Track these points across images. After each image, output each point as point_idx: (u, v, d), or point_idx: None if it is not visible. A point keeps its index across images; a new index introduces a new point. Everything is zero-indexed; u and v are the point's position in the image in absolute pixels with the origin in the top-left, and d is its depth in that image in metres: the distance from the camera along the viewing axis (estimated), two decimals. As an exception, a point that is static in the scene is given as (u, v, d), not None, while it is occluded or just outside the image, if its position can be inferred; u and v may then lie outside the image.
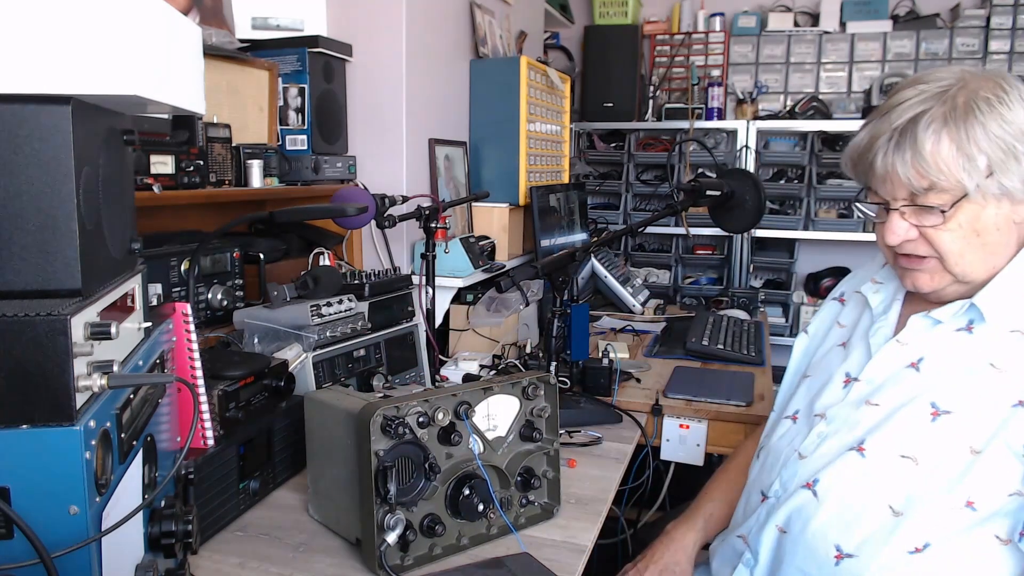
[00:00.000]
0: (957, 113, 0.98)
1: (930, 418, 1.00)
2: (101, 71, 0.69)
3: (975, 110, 0.98)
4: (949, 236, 1.02)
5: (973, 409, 0.98)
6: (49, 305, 0.66)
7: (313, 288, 1.54)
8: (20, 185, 0.68)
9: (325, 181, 1.93)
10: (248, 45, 1.89)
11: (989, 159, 0.98)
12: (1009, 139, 0.97)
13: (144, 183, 1.37)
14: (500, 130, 2.56)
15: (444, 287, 2.14)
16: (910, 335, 1.08)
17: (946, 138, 0.98)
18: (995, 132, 0.97)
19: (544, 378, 1.23)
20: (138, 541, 0.81)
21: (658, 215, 1.91)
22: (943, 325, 1.06)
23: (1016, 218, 1.01)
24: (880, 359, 1.09)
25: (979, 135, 0.98)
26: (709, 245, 3.83)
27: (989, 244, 1.02)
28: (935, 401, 1.00)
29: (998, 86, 1.00)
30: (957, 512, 0.95)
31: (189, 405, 1.05)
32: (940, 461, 0.97)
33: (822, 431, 1.11)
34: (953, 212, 1.01)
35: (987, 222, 1.01)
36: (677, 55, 3.92)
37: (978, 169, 0.98)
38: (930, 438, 0.99)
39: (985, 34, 3.56)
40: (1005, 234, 1.02)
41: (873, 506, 1.00)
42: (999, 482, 0.94)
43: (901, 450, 1.00)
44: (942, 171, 0.99)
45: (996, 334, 1.00)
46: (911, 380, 1.04)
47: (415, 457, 1.10)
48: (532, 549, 1.14)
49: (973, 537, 0.95)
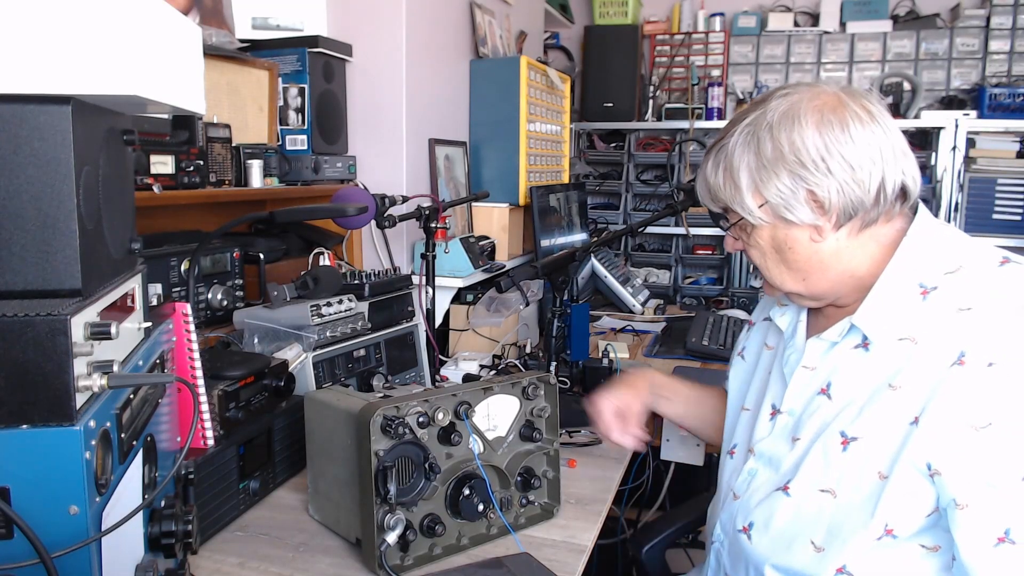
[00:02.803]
0: (741, 140, 1.00)
1: (841, 447, 0.97)
2: (101, 71, 0.69)
3: (758, 137, 0.98)
4: (755, 252, 1.06)
5: (877, 432, 0.94)
6: (49, 305, 0.66)
7: (313, 288, 1.54)
8: (20, 185, 0.68)
9: (325, 181, 1.93)
10: (248, 45, 1.89)
11: (759, 187, 0.99)
12: (781, 168, 0.97)
13: (144, 183, 1.37)
14: (500, 130, 2.56)
15: (444, 287, 2.14)
16: (813, 359, 1.06)
17: (722, 168, 1.02)
18: (766, 161, 0.97)
19: (544, 378, 1.23)
20: (138, 541, 0.81)
21: (658, 215, 1.91)
22: (839, 346, 1.02)
23: (818, 238, 0.99)
24: (793, 387, 1.06)
25: (751, 164, 0.99)
26: (709, 245, 3.83)
27: (791, 262, 1.02)
28: (844, 429, 0.97)
29: (823, 105, 0.96)
30: (877, 542, 0.92)
31: (189, 405, 1.05)
32: (854, 491, 0.94)
33: (752, 467, 1.09)
34: (750, 232, 1.03)
35: (780, 242, 1.02)
36: (677, 55, 3.92)
37: (746, 197, 1.00)
38: (844, 468, 0.96)
39: (985, 34, 3.56)
40: (807, 252, 1.01)
41: (798, 544, 0.98)
42: (913, 505, 0.90)
43: (820, 484, 0.98)
44: (720, 198, 1.04)
45: (887, 347, 0.96)
46: (824, 408, 1.01)
47: (415, 457, 1.10)
48: (532, 549, 1.14)
49: (895, 552, 0.92)
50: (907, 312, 0.96)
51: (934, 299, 0.94)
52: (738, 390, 1.26)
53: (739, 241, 1.08)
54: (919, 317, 0.94)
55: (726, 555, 1.11)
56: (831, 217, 0.97)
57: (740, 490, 1.10)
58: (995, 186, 3.37)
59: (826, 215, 0.97)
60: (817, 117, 0.96)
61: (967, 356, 0.88)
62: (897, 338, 0.95)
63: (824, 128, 0.95)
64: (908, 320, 0.95)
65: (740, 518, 1.07)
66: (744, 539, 1.05)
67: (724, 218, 1.08)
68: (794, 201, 0.97)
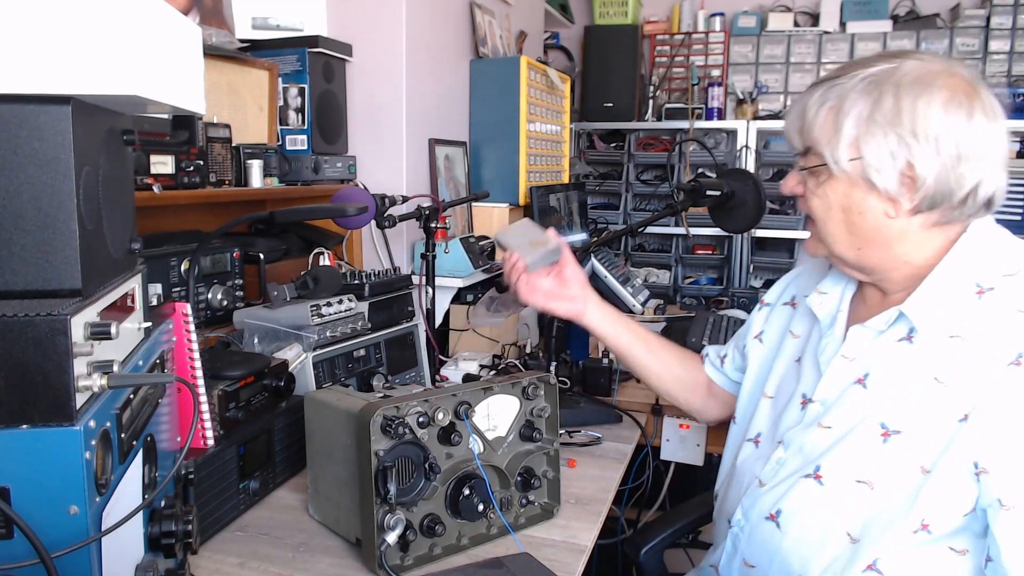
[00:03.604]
0: (860, 87, 0.96)
1: (881, 439, 0.95)
2: (101, 71, 0.69)
3: (880, 91, 0.94)
4: (818, 203, 1.02)
5: (921, 427, 0.93)
6: (49, 305, 0.66)
7: (313, 288, 1.54)
8: (20, 185, 0.68)
9: (325, 181, 1.93)
10: (248, 45, 1.89)
11: (859, 141, 0.95)
12: (891, 131, 0.93)
13: (144, 183, 1.37)
14: (500, 130, 2.56)
15: (444, 287, 2.14)
16: (854, 349, 1.04)
17: (830, 106, 0.98)
18: (880, 118, 0.93)
19: (544, 378, 1.23)
20: (138, 541, 0.81)
21: (658, 215, 1.91)
22: (884, 336, 1.01)
23: (892, 213, 0.96)
24: (829, 377, 1.05)
25: (861, 113, 0.95)
26: (709, 245, 3.83)
27: (854, 226, 0.99)
28: (884, 421, 0.96)
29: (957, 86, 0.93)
30: (912, 536, 0.91)
31: (189, 405, 1.05)
32: (893, 484, 0.93)
33: (780, 457, 1.07)
34: (822, 182, 1.00)
35: (852, 203, 0.98)
36: (677, 55, 3.92)
37: (842, 146, 0.96)
38: (883, 460, 0.95)
39: (985, 34, 3.56)
40: (874, 223, 0.98)
41: (832, 535, 0.97)
42: (953, 502, 0.90)
43: (856, 475, 0.96)
44: (814, 136, 1.00)
45: (935, 342, 0.95)
46: (860, 398, 1.00)
47: (415, 457, 1.10)
48: (532, 549, 1.14)
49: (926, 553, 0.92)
50: (960, 309, 0.95)
51: (990, 299, 0.93)
52: (756, 375, 1.24)
53: (802, 186, 1.05)
54: (973, 316, 0.93)
55: (745, 541, 1.09)
56: (915, 198, 0.94)
57: (767, 478, 1.08)
58: (995, 186, 3.36)
59: (912, 194, 0.94)
60: (948, 95, 0.92)
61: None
62: (948, 335, 0.94)
63: (951, 108, 0.92)
64: (961, 318, 0.94)
65: (768, 505, 1.05)
66: (771, 527, 1.03)
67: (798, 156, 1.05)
68: (889, 167, 0.94)
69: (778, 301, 1.28)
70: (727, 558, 1.13)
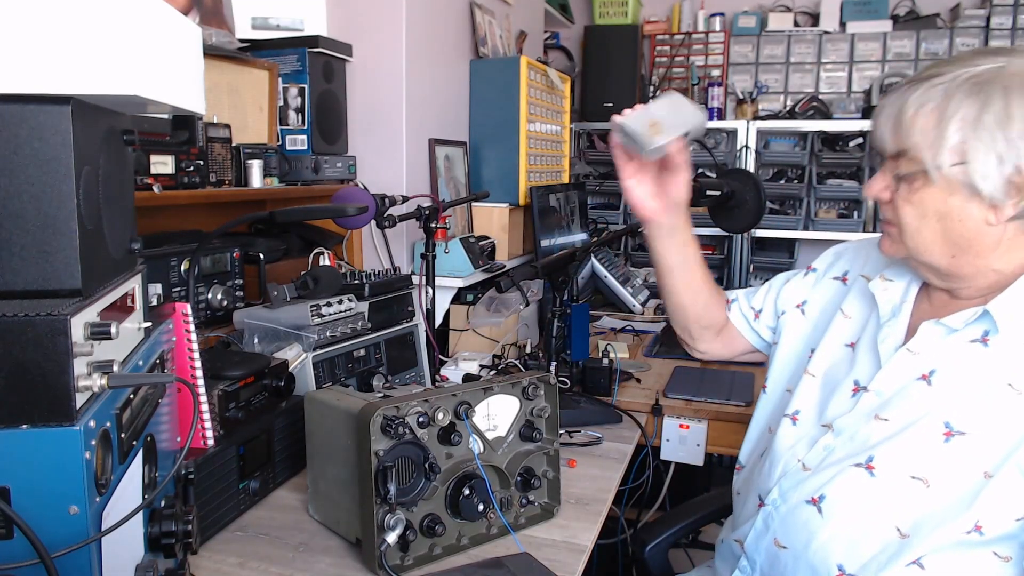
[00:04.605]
0: (965, 88, 0.90)
1: (943, 439, 0.94)
2: (101, 71, 0.69)
3: (988, 93, 0.89)
4: (910, 209, 0.97)
5: (988, 431, 0.91)
6: (49, 305, 0.66)
7: (313, 288, 1.54)
8: (20, 185, 0.68)
9: (325, 181, 1.93)
10: (248, 45, 1.89)
11: (964, 145, 0.90)
12: (1000, 134, 0.88)
13: (144, 183, 1.37)
14: (500, 130, 2.56)
15: (444, 287, 2.14)
16: (921, 344, 1.01)
17: (931, 108, 0.92)
18: (989, 121, 0.88)
19: (544, 378, 1.23)
20: (138, 541, 0.81)
21: (658, 215, 1.90)
22: (956, 335, 0.98)
23: (992, 220, 0.92)
24: (890, 369, 1.02)
25: (967, 116, 0.90)
26: (709, 245, 3.83)
27: (951, 234, 0.95)
28: (949, 421, 0.94)
29: None
30: (964, 536, 0.91)
31: (189, 405, 1.05)
32: (952, 484, 0.92)
33: (829, 444, 1.05)
34: (917, 188, 0.95)
35: (950, 211, 0.94)
36: (677, 55, 3.92)
37: (945, 151, 0.91)
38: (942, 460, 0.93)
39: (985, 34, 3.56)
40: (973, 231, 0.94)
41: (880, 527, 0.96)
42: (1009, 507, 0.89)
43: (912, 471, 0.95)
44: (913, 140, 0.94)
45: (1013, 348, 0.93)
46: (923, 395, 0.98)
47: (415, 457, 1.10)
48: (532, 549, 1.14)
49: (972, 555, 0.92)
50: None
51: None
52: (796, 349, 1.21)
53: (889, 191, 0.99)
54: None
55: (779, 522, 1.07)
56: (1019, 204, 0.90)
57: (812, 463, 1.06)
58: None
59: (1017, 199, 0.90)
60: None
61: None
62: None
63: None
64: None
65: (811, 490, 1.03)
66: (812, 511, 1.02)
67: (883, 156, 1.00)
68: (996, 173, 0.89)
69: (827, 273, 1.24)
70: (756, 535, 1.11)
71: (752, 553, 1.12)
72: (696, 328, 1.37)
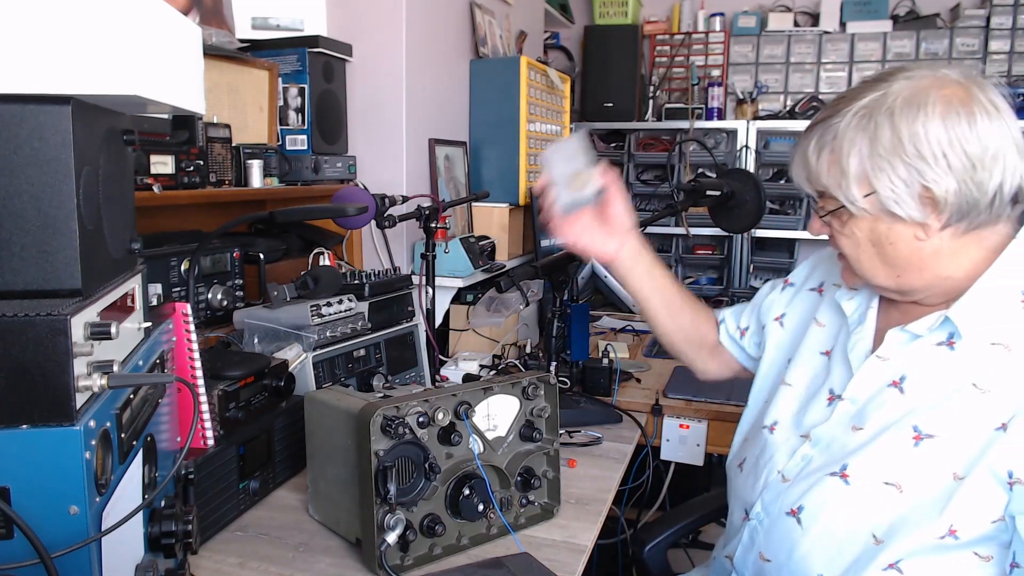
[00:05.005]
0: (855, 123, 0.94)
1: (913, 442, 0.95)
2: (101, 71, 0.69)
3: (876, 122, 0.93)
4: (846, 241, 1.01)
5: (956, 433, 0.92)
6: (49, 305, 0.66)
7: (313, 288, 1.54)
8: (20, 185, 0.68)
9: (325, 181, 1.93)
10: (248, 45, 1.89)
11: (868, 176, 0.94)
12: (897, 160, 0.91)
13: (144, 183, 1.37)
14: (500, 130, 2.56)
15: (444, 287, 2.14)
16: (890, 350, 1.02)
17: (829, 149, 0.97)
18: (883, 151, 0.92)
19: (544, 378, 1.23)
20: (138, 541, 0.81)
21: (658, 215, 1.90)
22: (922, 340, 1.00)
23: (922, 236, 0.95)
24: (862, 377, 1.04)
25: (863, 151, 0.93)
26: (709, 245, 3.83)
27: (887, 257, 0.98)
28: (917, 424, 0.95)
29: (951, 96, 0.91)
30: (939, 540, 0.91)
31: (189, 405, 1.05)
32: (923, 488, 0.92)
33: (807, 453, 1.06)
34: (845, 221, 0.99)
35: (880, 237, 0.97)
36: (677, 55, 3.92)
37: (853, 186, 0.95)
38: (913, 464, 0.94)
39: (985, 34, 3.56)
40: (908, 250, 0.96)
41: (857, 534, 0.96)
42: (982, 509, 0.89)
43: (885, 476, 0.95)
44: (823, 181, 0.99)
45: (977, 349, 0.94)
46: (895, 401, 0.99)
47: (415, 457, 1.10)
48: (532, 549, 1.14)
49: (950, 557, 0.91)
50: (1005, 318, 0.94)
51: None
52: (774, 360, 1.22)
53: (827, 227, 1.03)
54: (1016, 325, 0.93)
55: (763, 535, 1.08)
56: (942, 216, 0.92)
57: (791, 473, 1.06)
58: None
59: (937, 213, 0.92)
60: (943, 108, 0.90)
61: None
62: (990, 342, 0.94)
63: (950, 121, 0.90)
64: (1005, 326, 0.93)
65: (790, 501, 1.04)
66: (792, 522, 1.02)
67: (814, 200, 1.04)
68: (906, 196, 0.92)
69: (804, 285, 1.26)
70: (743, 550, 1.11)
71: (741, 568, 1.13)
72: (689, 350, 1.38)
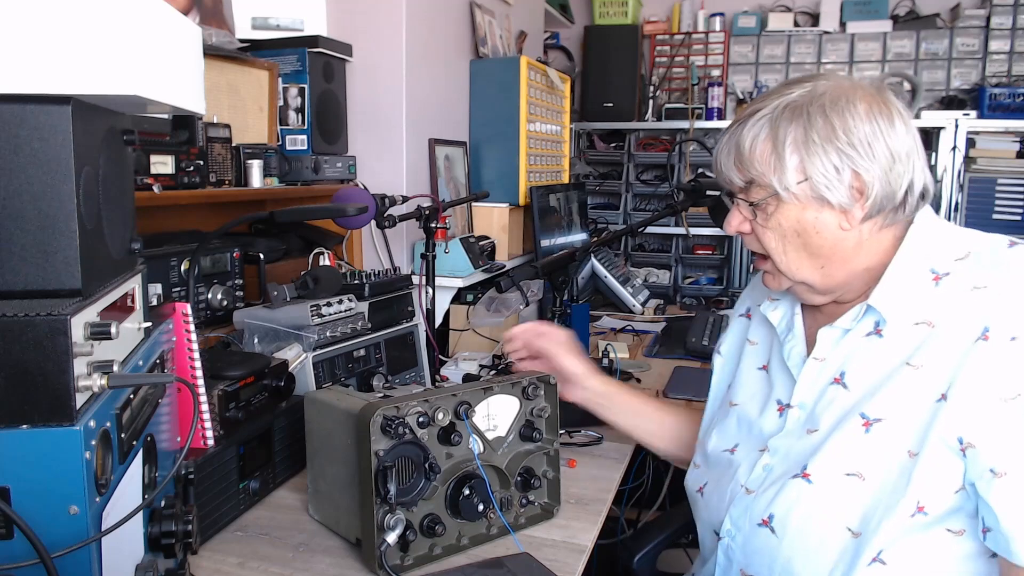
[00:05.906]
0: (787, 115, 0.99)
1: (863, 430, 0.97)
2: (101, 71, 0.69)
3: (808, 113, 0.98)
4: (770, 234, 1.04)
5: (901, 411, 0.95)
6: (49, 305, 0.66)
7: (313, 288, 1.54)
8: (20, 185, 0.68)
9: (325, 181, 1.93)
10: (248, 45, 1.89)
11: (803, 163, 0.98)
12: (830, 147, 0.97)
13: (144, 183, 1.37)
14: (500, 130, 2.57)
15: (444, 287, 2.14)
16: (824, 350, 1.05)
17: (764, 137, 1.00)
18: (816, 138, 0.97)
19: (544, 378, 1.23)
20: (138, 541, 0.81)
21: (658, 215, 1.91)
22: (851, 334, 1.03)
23: (846, 225, 0.99)
24: (804, 381, 1.06)
25: (798, 138, 0.98)
26: (709, 245, 3.83)
27: (812, 247, 1.01)
28: (864, 412, 0.98)
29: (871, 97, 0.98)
30: (911, 520, 0.92)
31: (189, 405, 1.05)
32: (884, 471, 0.95)
33: (767, 463, 1.07)
34: (771, 212, 1.02)
35: (806, 226, 1.00)
36: (677, 55, 3.92)
37: (788, 172, 0.99)
38: (869, 450, 0.96)
39: (985, 34, 3.56)
40: (832, 239, 1.00)
41: (832, 532, 0.97)
42: (943, 481, 0.91)
43: (845, 468, 0.97)
44: (756, 168, 1.01)
45: (903, 331, 0.98)
46: (841, 397, 1.02)
47: (415, 457, 1.10)
48: (532, 549, 1.14)
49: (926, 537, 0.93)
50: (921, 297, 0.98)
51: (947, 284, 0.97)
52: (719, 385, 1.27)
53: (748, 223, 1.06)
54: (933, 302, 0.97)
55: (739, 551, 1.08)
56: (865, 205, 0.98)
57: (755, 484, 1.07)
58: (995, 186, 3.38)
59: (862, 201, 0.98)
60: (867, 105, 0.97)
61: (991, 331, 0.90)
62: (913, 322, 0.97)
63: (874, 116, 0.97)
64: (922, 305, 0.97)
65: (759, 511, 1.04)
66: (766, 532, 1.03)
67: (733, 193, 1.06)
68: (837, 181, 0.97)
69: (735, 314, 1.30)
70: (721, 571, 1.12)
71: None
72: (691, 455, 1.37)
